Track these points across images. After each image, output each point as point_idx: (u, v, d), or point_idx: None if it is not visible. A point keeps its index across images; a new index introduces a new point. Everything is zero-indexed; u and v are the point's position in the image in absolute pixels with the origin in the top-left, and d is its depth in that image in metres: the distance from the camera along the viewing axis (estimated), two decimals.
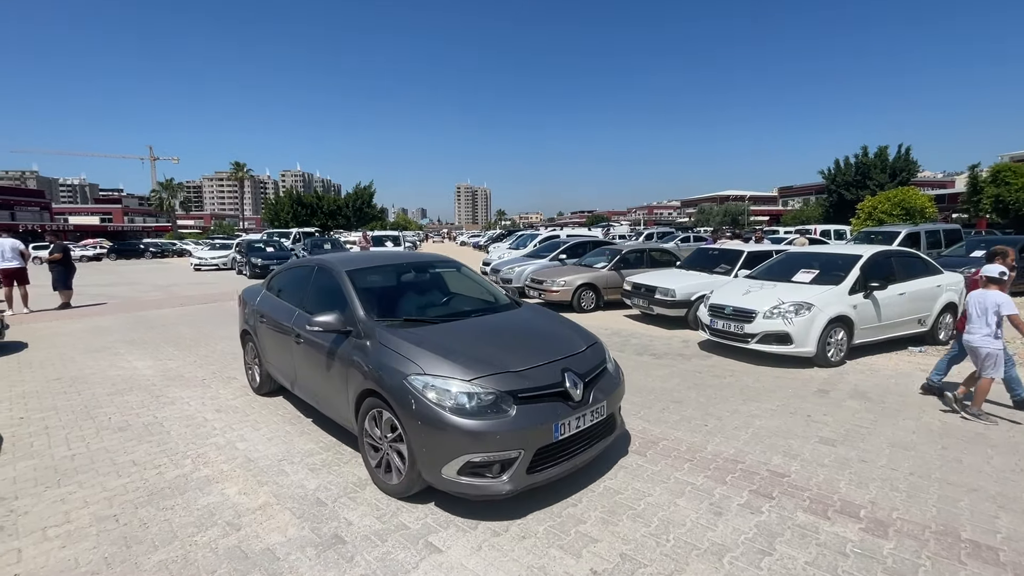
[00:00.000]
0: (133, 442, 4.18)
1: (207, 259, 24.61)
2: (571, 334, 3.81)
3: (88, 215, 76.42)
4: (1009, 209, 25.43)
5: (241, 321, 5.50)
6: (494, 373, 3.04)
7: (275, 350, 4.71)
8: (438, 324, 3.77)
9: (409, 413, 2.96)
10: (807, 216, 49.27)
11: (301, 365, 4.19)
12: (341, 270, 4.13)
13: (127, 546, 2.79)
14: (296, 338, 4.18)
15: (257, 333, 5.00)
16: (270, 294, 5.07)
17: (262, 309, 4.93)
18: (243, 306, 5.49)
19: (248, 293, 5.56)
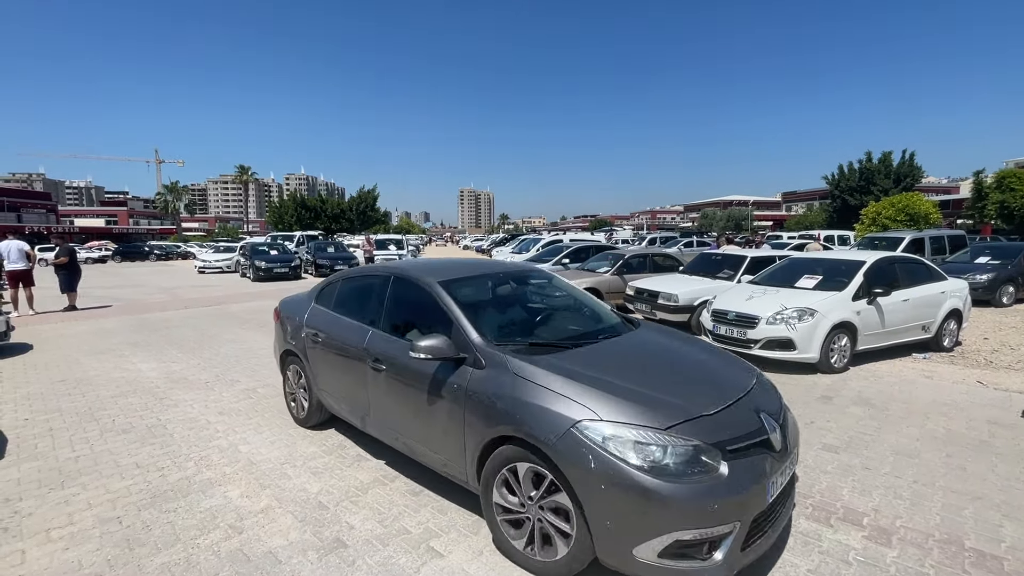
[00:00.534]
0: (137, 444, 4.20)
1: (211, 262, 24.71)
2: (731, 362, 3.21)
3: (93, 217, 76.95)
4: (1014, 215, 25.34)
5: (281, 339, 4.69)
6: (691, 418, 2.38)
7: (335, 376, 3.96)
8: (572, 350, 3.02)
9: (584, 474, 2.24)
10: (811, 221, 49.17)
11: (380, 397, 3.47)
12: (432, 281, 3.42)
13: (130, 548, 2.80)
14: (373, 363, 3.46)
15: (307, 355, 4.23)
16: (323, 308, 4.31)
17: (315, 326, 4.19)
18: (285, 322, 4.67)
19: (289, 306, 4.79)
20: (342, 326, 3.96)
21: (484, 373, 2.80)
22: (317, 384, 4.19)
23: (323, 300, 4.41)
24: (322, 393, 4.18)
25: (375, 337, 3.60)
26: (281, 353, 4.74)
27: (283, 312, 4.82)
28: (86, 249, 39.08)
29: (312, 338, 4.18)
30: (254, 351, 7.52)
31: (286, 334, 4.60)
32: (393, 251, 22.02)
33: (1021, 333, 8.38)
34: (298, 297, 4.90)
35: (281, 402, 5.19)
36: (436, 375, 3.01)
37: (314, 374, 4.20)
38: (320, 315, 4.27)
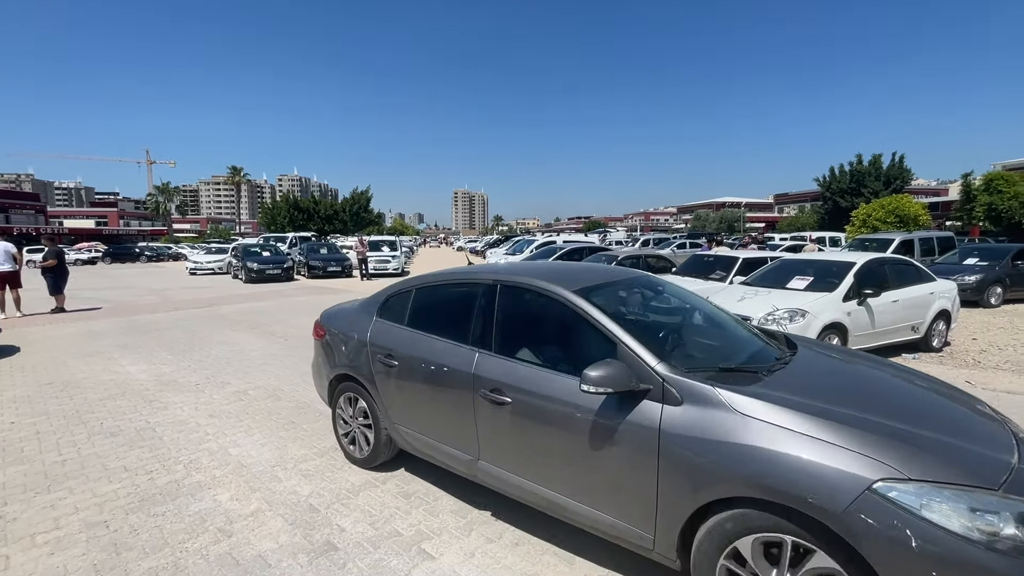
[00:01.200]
0: (125, 447, 4.15)
1: (203, 263, 24.56)
2: (953, 392, 2.71)
3: (83, 218, 76.20)
4: (1002, 217, 25.69)
5: (329, 361, 3.90)
6: (1010, 472, 1.87)
7: (422, 409, 3.24)
8: (773, 376, 2.42)
9: (897, 556, 1.66)
10: (803, 223, 49.60)
11: (503, 438, 2.77)
12: (565, 292, 2.73)
13: (117, 553, 2.76)
14: (490, 394, 2.75)
15: (375, 381, 3.47)
16: (393, 324, 3.54)
17: (386, 346, 3.43)
18: (335, 340, 3.88)
19: (339, 320, 3.99)
20: (431, 347, 3.19)
21: (685, 411, 2.16)
22: (390, 417, 3.43)
23: (390, 314, 3.63)
24: (398, 429, 3.41)
25: (488, 361, 2.86)
26: (331, 379, 3.88)
27: (330, 328, 3.98)
28: (75, 250, 38.70)
29: (383, 361, 3.40)
30: (245, 353, 7.46)
31: (337, 355, 3.81)
32: (386, 252, 21.94)
33: (1009, 334, 8.48)
34: (347, 309, 4.11)
35: (273, 404, 5.16)
36: (604, 412, 2.33)
37: (386, 405, 3.42)
38: (391, 333, 3.50)
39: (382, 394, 3.46)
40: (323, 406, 5.07)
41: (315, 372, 4.25)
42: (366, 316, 3.78)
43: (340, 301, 4.56)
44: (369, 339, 3.59)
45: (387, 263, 21.35)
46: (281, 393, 5.53)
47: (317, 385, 4.23)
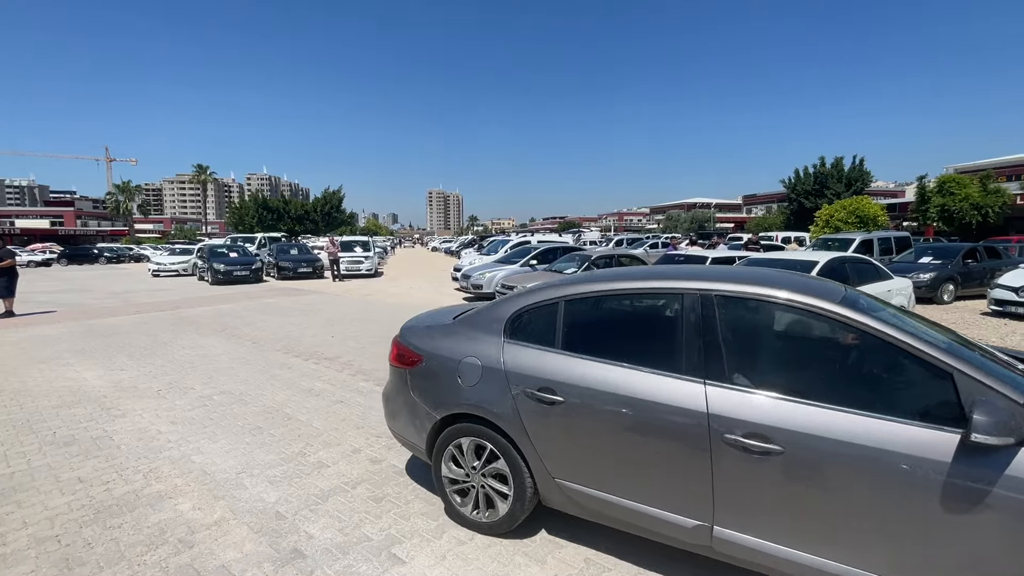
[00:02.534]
0: (80, 458, 3.96)
1: (166, 264, 23.70)
2: None
3: (37, 218, 72.59)
4: (954, 218, 26.94)
5: (432, 395, 3.02)
6: None
7: (611, 459, 2.49)
8: None
9: None
10: (770, 223, 50.99)
11: (775, 499, 2.11)
12: (832, 303, 2.21)
13: (69, 568, 2.63)
14: (747, 441, 2.11)
15: (525, 423, 2.66)
16: (539, 348, 2.76)
17: (539, 376, 2.65)
18: (442, 368, 3.00)
19: (442, 341, 3.12)
20: (621, 379, 2.45)
21: None
22: (546, 470, 2.66)
23: (526, 334, 2.87)
24: (560, 485, 2.64)
25: (730, 398, 2.20)
26: (438, 420, 2.99)
27: (432, 351, 3.09)
28: (28, 252, 36.85)
29: (535, 397, 2.63)
30: (211, 357, 7.23)
31: (448, 389, 2.94)
32: (359, 253, 21.59)
33: (961, 329, 8.90)
34: (447, 326, 3.23)
35: (239, 409, 5.01)
36: (968, 468, 1.79)
37: (541, 455, 2.65)
38: (541, 359, 2.71)
39: (534, 440, 2.65)
40: (292, 409, 4.97)
41: (396, 410, 3.30)
42: (485, 335, 2.95)
43: (418, 312, 3.96)
44: (506, 368, 2.76)
45: (360, 264, 21.02)
46: (248, 398, 5.38)
47: (399, 426, 3.29)
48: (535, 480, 2.72)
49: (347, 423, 4.64)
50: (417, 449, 3.21)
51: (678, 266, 4.15)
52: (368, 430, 4.47)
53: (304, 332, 9.07)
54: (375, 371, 6.41)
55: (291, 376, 6.21)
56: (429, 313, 3.82)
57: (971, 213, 26.26)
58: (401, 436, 3.33)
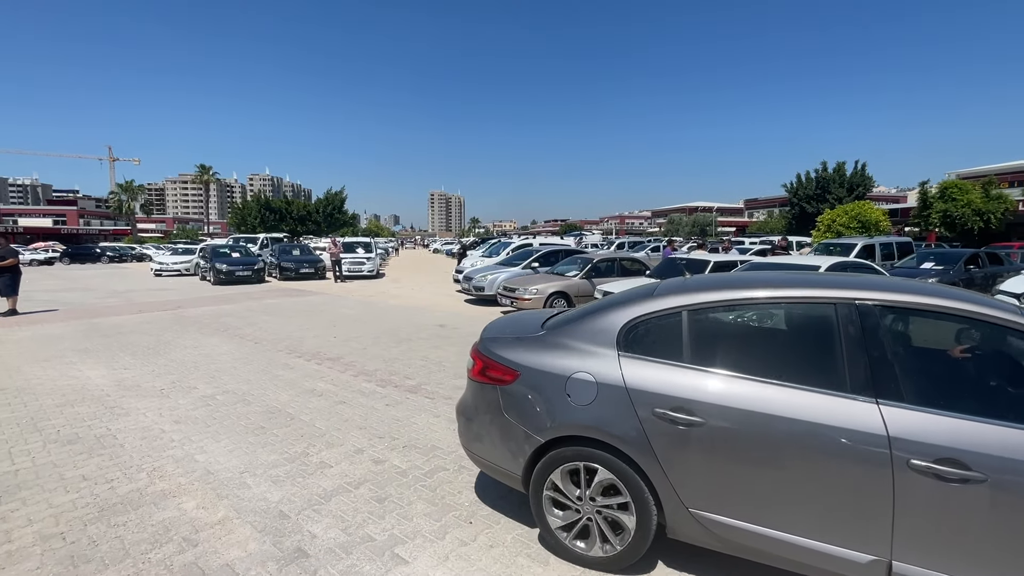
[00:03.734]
0: (84, 455, 3.98)
1: (168, 264, 23.76)
2: None
3: (40, 217, 72.83)
4: (956, 224, 26.91)
5: (532, 416, 2.70)
6: None
7: (767, 487, 2.24)
8: None
9: None
10: (771, 228, 51.01)
11: (976, 532, 1.95)
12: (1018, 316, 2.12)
13: (74, 566, 2.65)
14: (940, 468, 1.96)
15: (655, 447, 2.40)
16: (665, 363, 2.50)
17: (669, 395, 2.40)
18: (545, 384, 2.70)
19: (539, 353, 2.81)
20: (778, 398, 2.24)
21: None
22: (680, 499, 2.40)
23: (645, 347, 2.60)
24: (698, 517, 2.37)
25: (913, 420, 2.04)
26: (541, 444, 2.67)
27: (526, 365, 2.79)
28: (31, 250, 36.95)
29: (668, 418, 2.37)
30: (213, 357, 7.25)
31: (552, 408, 2.64)
32: (361, 254, 21.61)
33: None
34: (545, 337, 2.89)
35: (242, 409, 5.02)
36: None
37: (674, 482, 2.40)
38: (672, 376, 2.44)
39: (666, 466, 2.39)
40: (295, 409, 4.99)
41: (481, 432, 2.95)
42: (594, 348, 2.67)
43: (495, 318, 3.75)
44: (627, 385, 2.48)
45: (362, 265, 21.05)
46: (250, 397, 5.40)
47: (484, 450, 2.94)
48: (663, 510, 2.44)
49: (349, 424, 4.65)
50: (507, 475, 2.86)
51: (825, 275, 3.81)
52: (370, 431, 4.48)
53: (306, 333, 9.09)
54: (377, 372, 6.43)
55: (293, 376, 6.23)
56: (506, 321, 3.49)
57: (973, 219, 26.23)
58: (486, 461, 2.97)
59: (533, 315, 3.55)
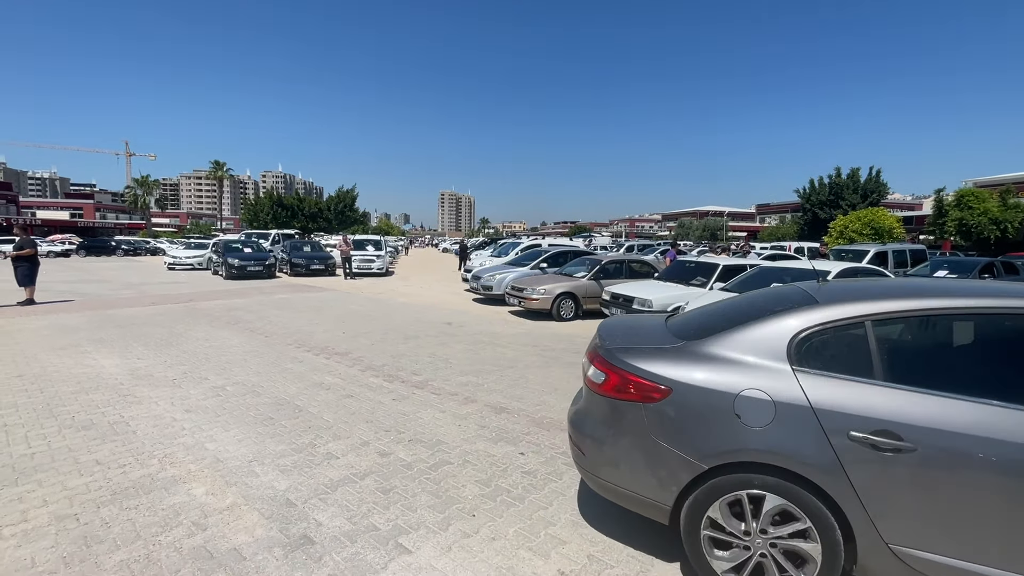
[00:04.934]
0: (97, 441, 4.07)
1: (182, 258, 24.09)
2: None
3: (57, 210, 74.20)
4: (972, 232, 26.55)
5: (691, 440, 2.39)
6: None
7: (997, 524, 2.00)
8: None
9: None
10: (783, 233, 50.57)
11: None
12: None
13: (87, 545, 2.72)
14: None
15: (851, 475, 2.12)
16: (853, 380, 2.23)
17: (870, 416, 2.12)
18: (706, 402, 2.38)
19: (701, 369, 2.46)
20: (1006, 422, 2.00)
21: None
22: (879, 534, 2.12)
23: (827, 361, 2.33)
24: (906, 552, 2.10)
25: None
26: (702, 471, 2.35)
27: (678, 380, 2.46)
28: (48, 242, 37.63)
29: (868, 442, 2.10)
30: (224, 349, 7.36)
31: (718, 430, 2.33)
32: (371, 252, 21.76)
33: None
34: (694, 347, 2.58)
35: (252, 400, 5.10)
36: None
37: (873, 514, 2.12)
38: (863, 395, 2.17)
39: (863, 497, 2.12)
40: (303, 401, 5.06)
41: (619, 456, 2.62)
42: (760, 361, 2.38)
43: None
44: (813, 405, 2.20)
45: (371, 262, 21.19)
46: (260, 389, 5.48)
47: (623, 478, 2.60)
48: (856, 545, 2.16)
49: (356, 417, 4.71)
50: (651, 506, 2.52)
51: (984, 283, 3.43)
52: (376, 424, 4.53)
53: (316, 328, 9.19)
54: (384, 367, 6.49)
55: (302, 370, 6.31)
56: (621, 327, 3.22)
57: (989, 228, 25.85)
58: (622, 489, 2.61)
59: (646, 320, 3.31)
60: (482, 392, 5.54)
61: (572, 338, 8.69)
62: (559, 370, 6.54)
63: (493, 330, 9.34)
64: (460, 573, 2.56)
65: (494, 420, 4.69)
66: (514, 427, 4.53)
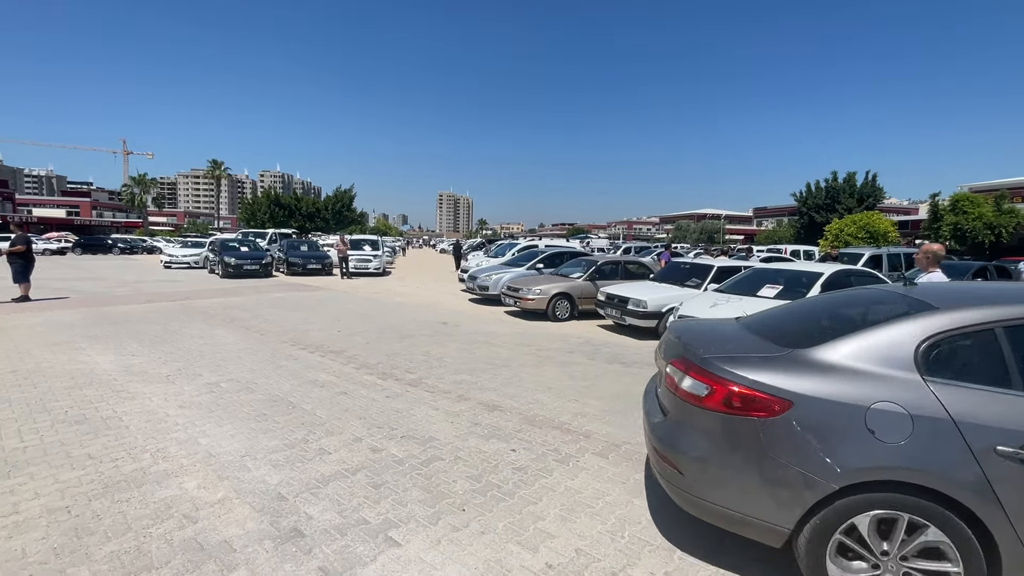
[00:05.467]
0: (90, 436, 4.08)
1: (178, 257, 24.05)
2: None
3: (54, 207, 73.91)
4: (966, 236, 26.67)
5: (816, 458, 2.20)
6: None
7: None
8: None
9: None
10: (779, 236, 50.71)
11: None
12: None
13: (78, 537, 2.73)
14: None
15: (1002, 492, 2.02)
16: (996, 391, 2.14)
17: None
18: (832, 415, 2.22)
19: (823, 380, 2.30)
20: None
21: None
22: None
23: (960, 370, 2.25)
24: None
25: None
26: (832, 491, 2.17)
27: (799, 392, 2.28)
28: (44, 240, 37.50)
29: (1020, 459, 2.01)
30: (219, 346, 7.37)
31: (850, 446, 2.17)
32: (368, 252, 21.75)
33: None
34: (808, 355, 2.42)
35: (246, 396, 5.12)
36: None
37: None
38: (1010, 406, 2.09)
39: (1013, 516, 2.02)
40: (297, 398, 5.08)
41: (725, 476, 2.41)
42: (885, 370, 2.25)
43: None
44: (954, 417, 2.08)
45: (368, 262, 21.19)
46: (254, 386, 5.49)
47: (732, 499, 2.39)
48: (1002, 569, 2.06)
49: (350, 413, 4.73)
50: (767, 529, 2.33)
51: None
52: (369, 421, 4.55)
53: (311, 326, 9.20)
54: (379, 365, 6.51)
55: (297, 367, 6.33)
56: (704, 330, 3.13)
57: (984, 232, 25.98)
58: (730, 511, 2.39)
59: (720, 325, 3.16)
60: (475, 390, 5.57)
61: (567, 338, 8.72)
62: (553, 369, 6.57)
63: (488, 330, 9.37)
64: (449, 565, 2.58)
65: (487, 417, 4.72)
66: (506, 424, 4.55)
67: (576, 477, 3.58)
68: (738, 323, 3.23)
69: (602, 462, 3.84)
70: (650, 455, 2.90)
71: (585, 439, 4.27)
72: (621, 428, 4.55)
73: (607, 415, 4.88)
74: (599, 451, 4.04)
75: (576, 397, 5.41)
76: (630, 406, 5.16)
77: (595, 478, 3.58)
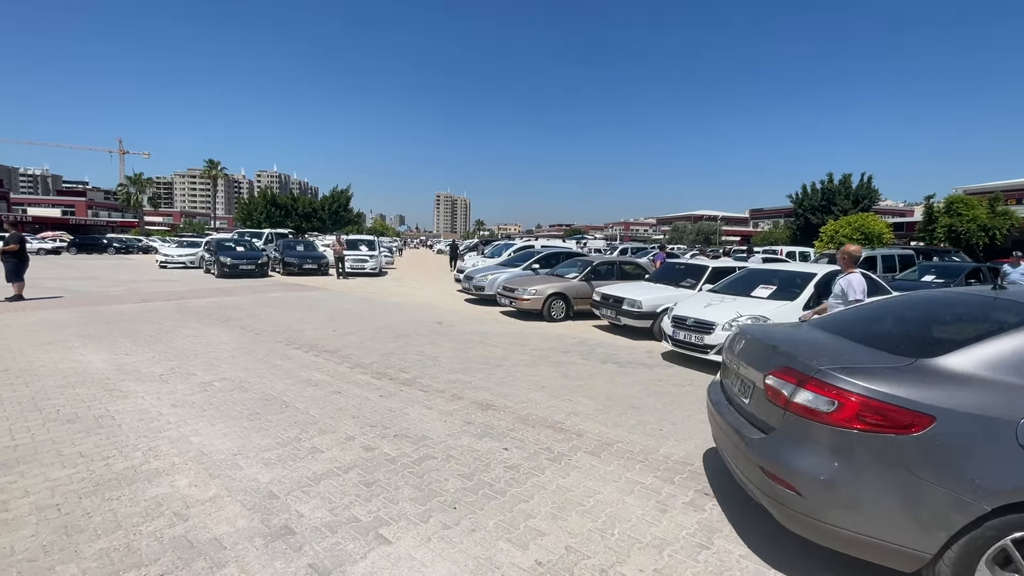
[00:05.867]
0: (82, 434, 4.07)
1: (174, 256, 23.97)
2: None
3: (49, 207, 73.52)
4: (961, 238, 26.83)
5: (971, 474, 2.04)
6: None
7: None
8: None
9: None
10: (776, 238, 50.88)
11: None
12: None
13: (68, 535, 2.73)
14: None
15: None
16: None
17: None
18: (988, 434, 2.08)
19: (965, 391, 2.17)
20: None
21: None
22: None
23: None
24: None
25: None
26: (982, 513, 2.01)
27: (941, 407, 2.12)
28: (39, 239, 37.30)
29: None
30: (213, 345, 7.35)
31: (1004, 464, 2.02)
32: (364, 252, 21.72)
33: None
34: (933, 365, 2.28)
35: (239, 395, 5.11)
36: None
37: None
38: None
39: None
40: (290, 397, 5.09)
41: (859, 497, 2.20)
42: (1013, 380, 2.14)
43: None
44: None
45: (364, 262, 21.16)
46: (248, 385, 5.48)
47: (864, 523, 2.19)
48: None
49: (343, 412, 4.73)
50: (903, 554, 2.15)
51: None
52: (363, 420, 4.56)
53: (306, 326, 9.19)
54: (373, 365, 6.51)
55: (291, 367, 6.32)
56: (795, 338, 2.98)
57: (978, 234, 26.14)
58: (865, 537, 2.19)
59: (810, 331, 3.03)
60: (469, 389, 5.57)
61: (562, 338, 8.74)
62: (547, 369, 6.58)
63: (483, 329, 9.38)
64: (439, 563, 2.59)
65: (480, 416, 4.73)
66: (499, 423, 4.56)
67: (568, 475, 3.59)
68: (812, 326, 3.06)
69: (594, 460, 3.85)
70: (744, 474, 2.68)
71: (578, 438, 4.28)
72: (614, 427, 4.57)
73: (600, 414, 4.89)
74: (591, 450, 4.05)
75: (570, 396, 5.42)
76: (623, 405, 5.18)
77: (587, 476, 3.59)
